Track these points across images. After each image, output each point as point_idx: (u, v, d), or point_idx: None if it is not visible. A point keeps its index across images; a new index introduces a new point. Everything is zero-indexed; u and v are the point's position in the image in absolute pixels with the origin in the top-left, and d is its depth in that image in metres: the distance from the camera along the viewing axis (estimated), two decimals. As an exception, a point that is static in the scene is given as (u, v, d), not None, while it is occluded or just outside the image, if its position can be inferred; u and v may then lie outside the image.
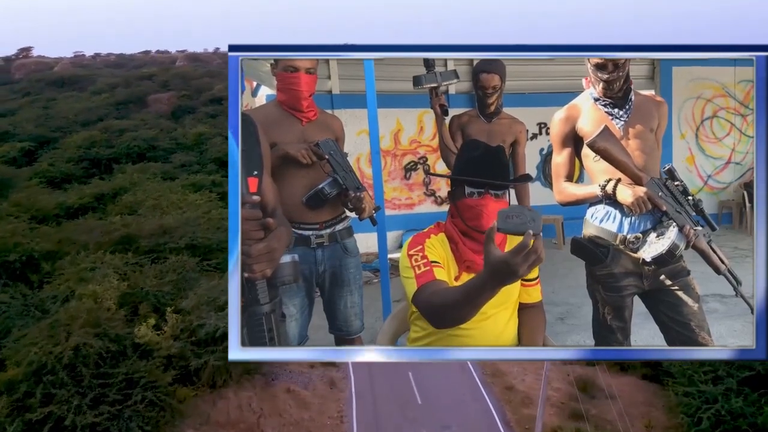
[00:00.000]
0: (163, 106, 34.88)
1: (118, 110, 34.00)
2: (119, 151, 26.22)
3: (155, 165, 24.61)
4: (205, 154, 26.15)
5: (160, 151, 26.74)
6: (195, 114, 33.80)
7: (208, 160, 25.71)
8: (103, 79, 41.15)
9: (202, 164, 25.15)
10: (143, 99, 36.26)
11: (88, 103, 35.02)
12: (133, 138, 27.29)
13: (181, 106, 34.97)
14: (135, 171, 23.51)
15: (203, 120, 31.59)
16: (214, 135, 27.91)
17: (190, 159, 25.76)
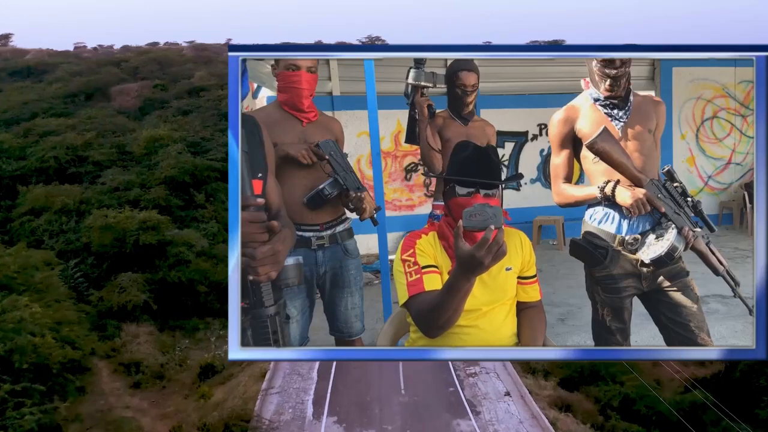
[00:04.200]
0: (129, 99, 28.70)
1: (68, 104, 27.28)
2: (30, 164, 20.03)
3: (71, 189, 18.82)
4: (155, 171, 20.35)
5: (91, 164, 20.57)
6: (164, 109, 27.39)
7: (156, 179, 19.87)
8: (66, 67, 33.04)
9: (147, 186, 19.61)
10: (105, 90, 29.46)
11: (32, 94, 27.85)
12: (53, 146, 20.55)
13: (153, 100, 28.84)
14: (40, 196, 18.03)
15: (171, 118, 25.77)
16: (175, 140, 22.05)
17: (130, 178, 19.91)
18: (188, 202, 19.75)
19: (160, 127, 23.47)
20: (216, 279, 16.42)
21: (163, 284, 16.31)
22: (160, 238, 16.73)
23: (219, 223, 18.83)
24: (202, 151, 22.03)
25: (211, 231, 18.58)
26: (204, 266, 16.67)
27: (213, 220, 19.15)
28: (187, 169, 20.03)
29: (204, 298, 16.46)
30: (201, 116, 25.57)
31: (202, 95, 28.25)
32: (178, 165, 20.18)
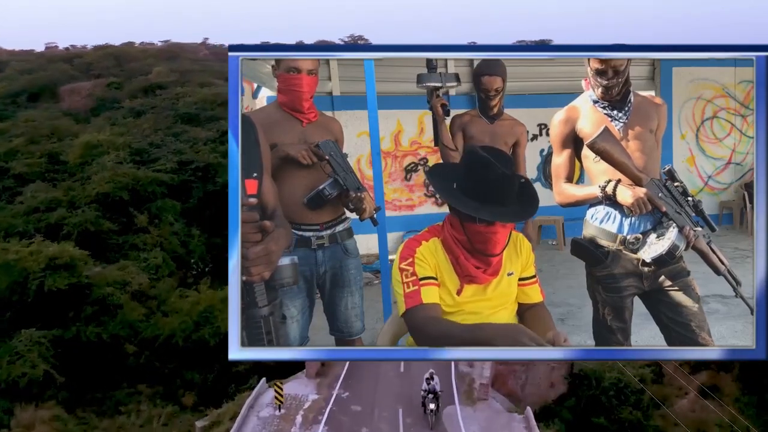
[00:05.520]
0: (79, 99, 25.53)
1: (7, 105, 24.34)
2: None
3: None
4: (87, 186, 15.90)
5: (11, 178, 16.69)
6: (113, 110, 23.61)
7: (87, 197, 15.52)
8: (16, 65, 30.29)
9: (76, 205, 15.32)
10: (55, 90, 26.44)
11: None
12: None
13: (105, 99, 25.48)
14: None
15: (121, 120, 22.09)
16: (118, 146, 17.97)
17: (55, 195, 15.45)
18: (126, 225, 15.66)
19: (106, 131, 19.41)
20: (151, 334, 12.61)
21: (77, 345, 12.09)
22: (75, 281, 12.49)
23: (165, 251, 15.11)
24: (149, 159, 18.06)
25: (153, 262, 14.57)
26: (134, 316, 12.80)
27: (157, 247, 15.18)
28: (124, 184, 15.98)
29: (134, 361, 12.42)
30: (155, 117, 22.40)
31: (159, 94, 25.06)
32: (114, 178, 15.99)
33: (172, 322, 13.08)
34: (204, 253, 16.08)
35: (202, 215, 16.89)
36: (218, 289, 13.94)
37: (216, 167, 17.94)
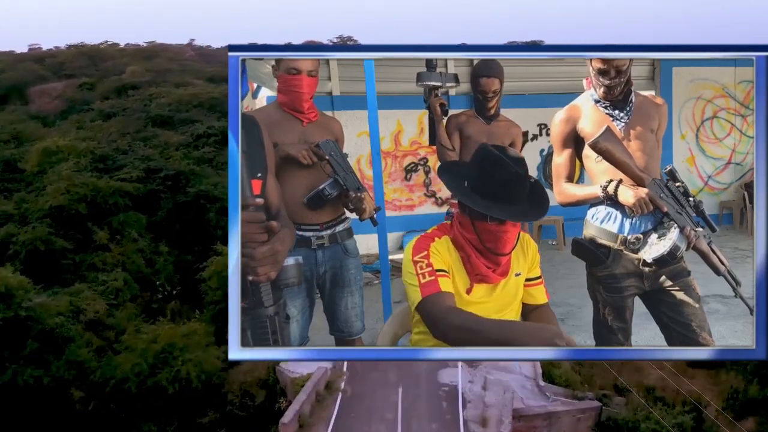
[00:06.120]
0: (49, 101, 23.68)
1: None
2: None
3: None
4: (40, 199, 14.15)
5: None
6: (83, 113, 21.68)
7: (39, 210, 13.79)
8: None
9: (28, 220, 13.66)
10: (23, 91, 24.60)
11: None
12: None
13: (76, 101, 23.52)
14: None
15: (89, 123, 20.04)
16: (79, 153, 16.08)
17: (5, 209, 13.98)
18: (83, 242, 13.69)
19: (70, 135, 17.54)
20: (101, 377, 10.60)
21: (12, 390, 10.22)
22: (11, 315, 10.53)
23: (127, 272, 13.16)
24: (113, 167, 16.10)
25: (113, 285, 12.60)
26: (83, 354, 10.81)
27: (119, 267, 13.17)
28: (82, 195, 14.07)
29: (81, 408, 10.52)
30: (124, 120, 20.33)
31: (131, 94, 23.09)
32: (70, 189, 14.11)
33: (124, 363, 10.58)
34: (172, 273, 13.74)
35: (171, 229, 14.57)
36: (181, 322, 11.39)
37: (188, 175, 15.59)
